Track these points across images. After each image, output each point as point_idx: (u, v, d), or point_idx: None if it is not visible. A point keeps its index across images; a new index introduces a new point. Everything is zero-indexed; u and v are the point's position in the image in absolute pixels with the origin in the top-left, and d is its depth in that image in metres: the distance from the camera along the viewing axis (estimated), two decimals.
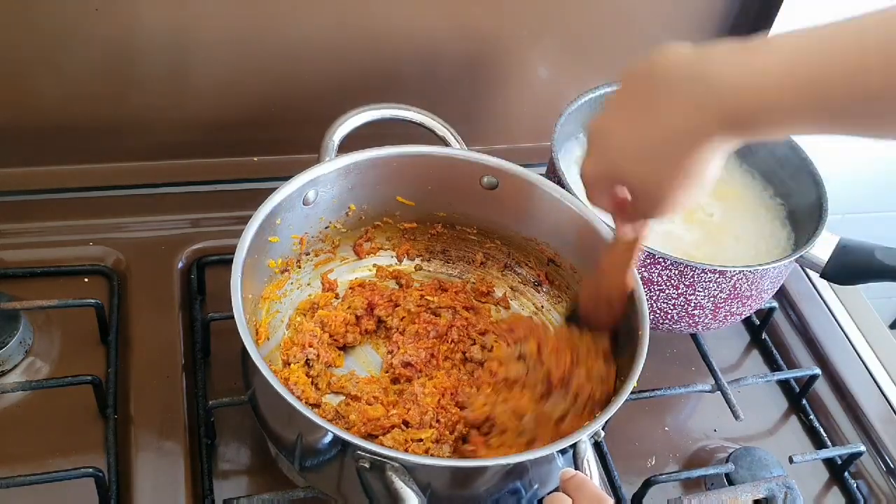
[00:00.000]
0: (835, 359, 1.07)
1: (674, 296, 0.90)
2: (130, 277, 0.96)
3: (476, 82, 1.14)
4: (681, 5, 1.14)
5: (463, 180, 0.90)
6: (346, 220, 0.91)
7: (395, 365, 0.85)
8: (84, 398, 0.83)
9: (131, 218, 1.03)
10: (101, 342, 0.90)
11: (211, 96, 1.05)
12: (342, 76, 1.07)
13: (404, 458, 0.64)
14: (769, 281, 0.93)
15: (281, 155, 1.11)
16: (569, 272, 0.92)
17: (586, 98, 1.02)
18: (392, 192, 0.91)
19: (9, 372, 0.87)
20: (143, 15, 0.94)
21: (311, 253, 0.91)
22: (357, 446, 0.64)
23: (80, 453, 0.81)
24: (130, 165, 1.07)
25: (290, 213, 0.83)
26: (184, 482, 0.80)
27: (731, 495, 0.85)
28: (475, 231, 0.96)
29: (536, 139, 1.20)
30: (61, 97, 0.99)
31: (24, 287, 0.93)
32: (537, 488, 0.75)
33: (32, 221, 1.00)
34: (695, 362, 1.01)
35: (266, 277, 0.85)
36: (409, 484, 0.63)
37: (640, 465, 0.93)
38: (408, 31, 1.05)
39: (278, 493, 0.78)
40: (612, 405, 0.70)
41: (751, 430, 0.99)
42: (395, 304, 0.91)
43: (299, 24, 1.00)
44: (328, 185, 0.86)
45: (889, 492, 0.97)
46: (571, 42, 1.14)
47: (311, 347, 0.84)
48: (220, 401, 0.83)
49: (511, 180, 0.89)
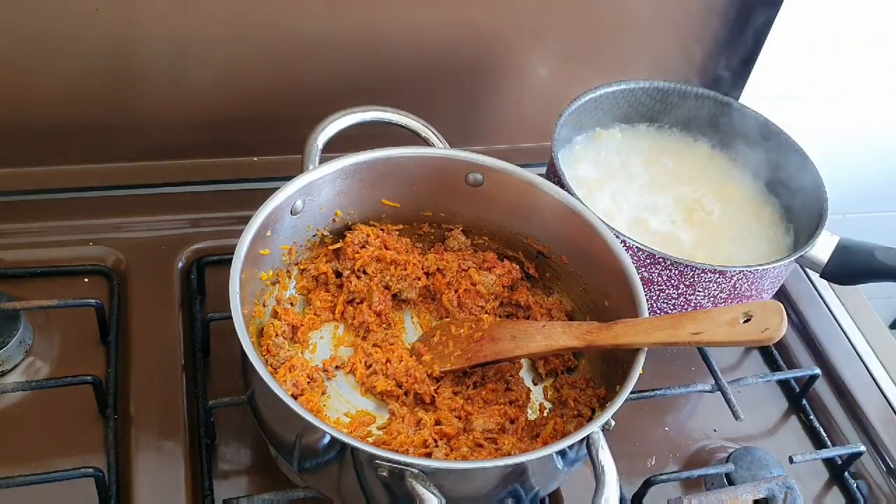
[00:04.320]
0: (835, 359, 1.07)
1: (674, 296, 0.90)
2: (130, 277, 0.96)
3: (476, 82, 1.14)
4: (681, 6, 1.14)
5: (447, 179, 0.90)
6: (333, 227, 0.91)
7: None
8: (84, 398, 0.83)
9: (131, 218, 1.03)
10: (101, 342, 0.90)
11: (211, 96, 1.05)
12: (343, 77, 1.07)
13: (423, 464, 0.65)
14: (769, 281, 0.93)
15: (281, 155, 1.12)
16: (559, 264, 0.92)
17: (586, 98, 1.02)
18: (377, 195, 0.91)
19: (9, 372, 0.87)
20: (142, 15, 0.94)
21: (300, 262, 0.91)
22: (376, 455, 0.65)
23: (80, 453, 0.81)
24: (130, 165, 1.08)
25: (280, 224, 0.83)
26: (184, 482, 0.80)
27: (731, 495, 0.85)
28: (462, 228, 0.96)
29: (536, 139, 1.20)
30: (61, 97, 0.99)
31: (24, 287, 0.93)
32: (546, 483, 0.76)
33: (32, 221, 1.00)
34: (695, 362, 1.01)
35: (259, 288, 0.85)
36: (429, 488, 0.64)
37: (640, 465, 0.93)
38: (408, 32, 1.05)
39: (278, 493, 0.78)
40: (619, 397, 0.71)
41: (751, 430, 0.99)
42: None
43: (300, 25, 1.00)
44: (315, 192, 0.86)
45: (889, 492, 0.97)
46: (571, 42, 1.14)
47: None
48: (219, 401, 0.83)
49: (496, 176, 0.89)
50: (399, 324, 0.92)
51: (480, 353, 0.84)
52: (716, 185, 1.06)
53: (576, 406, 0.83)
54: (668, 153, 1.10)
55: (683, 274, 0.88)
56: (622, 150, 1.09)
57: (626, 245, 0.87)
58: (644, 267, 0.89)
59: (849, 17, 1.20)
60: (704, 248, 0.98)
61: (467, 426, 0.80)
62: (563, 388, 0.87)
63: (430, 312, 0.94)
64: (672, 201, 1.03)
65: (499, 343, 0.85)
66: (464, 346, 0.86)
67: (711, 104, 1.08)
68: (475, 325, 0.88)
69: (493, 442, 0.79)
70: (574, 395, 0.84)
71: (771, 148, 1.05)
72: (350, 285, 0.90)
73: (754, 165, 1.08)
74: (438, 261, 0.94)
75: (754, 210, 1.05)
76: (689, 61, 1.22)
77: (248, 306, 0.80)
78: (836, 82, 1.31)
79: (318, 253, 0.92)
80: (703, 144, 1.11)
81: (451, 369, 0.85)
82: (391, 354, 0.86)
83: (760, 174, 1.08)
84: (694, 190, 1.05)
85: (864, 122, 1.39)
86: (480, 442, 0.79)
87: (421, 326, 0.93)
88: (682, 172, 1.07)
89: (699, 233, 1.00)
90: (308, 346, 0.88)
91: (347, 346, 0.89)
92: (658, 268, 0.88)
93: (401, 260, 0.92)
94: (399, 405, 0.83)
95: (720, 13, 1.16)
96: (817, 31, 1.21)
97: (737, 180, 1.08)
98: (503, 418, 0.82)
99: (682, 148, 1.11)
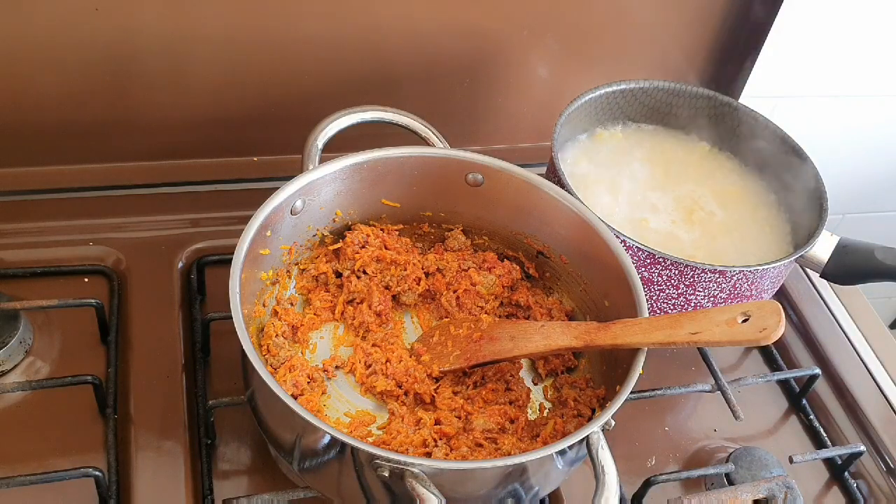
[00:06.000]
0: (835, 359, 1.07)
1: (674, 296, 0.90)
2: (130, 277, 0.96)
3: (476, 82, 1.14)
4: (680, 5, 1.14)
5: (447, 179, 0.91)
6: (333, 227, 0.91)
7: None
8: (84, 398, 0.84)
9: (131, 218, 1.03)
10: (101, 342, 0.90)
11: (211, 96, 1.05)
12: (343, 76, 1.07)
13: (423, 464, 0.65)
14: (769, 281, 0.93)
15: (281, 155, 1.12)
16: (559, 264, 0.92)
17: (586, 98, 1.02)
18: (377, 194, 0.91)
19: (9, 372, 0.87)
20: (142, 15, 0.94)
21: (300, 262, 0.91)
22: (376, 455, 0.65)
23: (80, 453, 0.81)
24: (130, 165, 1.08)
25: (280, 224, 0.83)
26: (184, 482, 0.80)
27: (731, 495, 0.85)
28: (462, 228, 0.96)
29: (536, 139, 1.20)
30: (61, 97, 0.99)
31: (24, 287, 0.93)
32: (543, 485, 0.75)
33: (32, 221, 1.00)
34: (695, 362, 1.01)
35: (259, 288, 0.85)
36: (429, 488, 0.64)
37: (640, 465, 0.93)
38: (408, 32, 1.05)
39: (278, 493, 0.78)
40: (619, 397, 0.71)
41: (751, 430, 0.99)
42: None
43: (300, 25, 1.00)
44: (315, 192, 0.86)
45: (889, 492, 0.97)
46: (571, 42, 1.14)
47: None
48: (219, 401, 0.83)
49: (496, 176, 0.89)
50: (399, 324, 0.92)
51: (479, 353, 0.84)
52: (716, 185, 1.06)
53: (576, 406, 0.83)
54: (668, 153, 1.10)
55: (683, 274, 0.88)
56: (622, 150, 1.09)
57: (626, 245, 0.87)
58: (644, 267, 0.89)
59: (849, 17, 1.20)
60: (704, 248, 0.98)
61: (467, 426, 0.80)
62: (563, 388, 0.87)
63: (429, 312, 0.94)
64: (672, 201, 1.03)
65: (497, 343, 0.85)
66: (462, 346, 0.86)
67: (711, 104, 1.08)
68: (474, 326, 0.88)
69: (493, 442, 0.79)
70: (574, 395, 0.84)
71: (771, 148, 1.05)
72: (350, 285, 0.90)
73: (754, 165, 1.08)
74: (438, 261, 0.94)
75: (754, 210, 1.05)
76: (689, 61, 1.22)
77: (248, 306, 0.80)
78: (835, 82, 1.31)
79: (318, 253, 0.92)
80: (703, 144, 1.11)
81: (449, 369, 0.85)
82: (391, 354, 0.86)
83: (760, 174, 1.08)
84: (694, 190, 1.05)
85: (864, 122, 1.39)
86: (480, 442, 0.79)
87: (421, 326, 0.93)
88: (682, 172, 1.07)
89: (699, 233, 1.00)
90: (308, 346, 0.88)
91: (347, 346, 0.89)
92: (658, 268, 0.88)
93: (401, 260, 0.92)
94: (399, 405, 0.83)
95: (720, 13, 1.16)
96: (817, 31, 1.21)
97: (737, 180, 1.08)
98: (503, 418, 0.82)
99: (682, 148, 1.11)
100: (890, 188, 1.52)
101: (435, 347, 0.88)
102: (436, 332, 0.89)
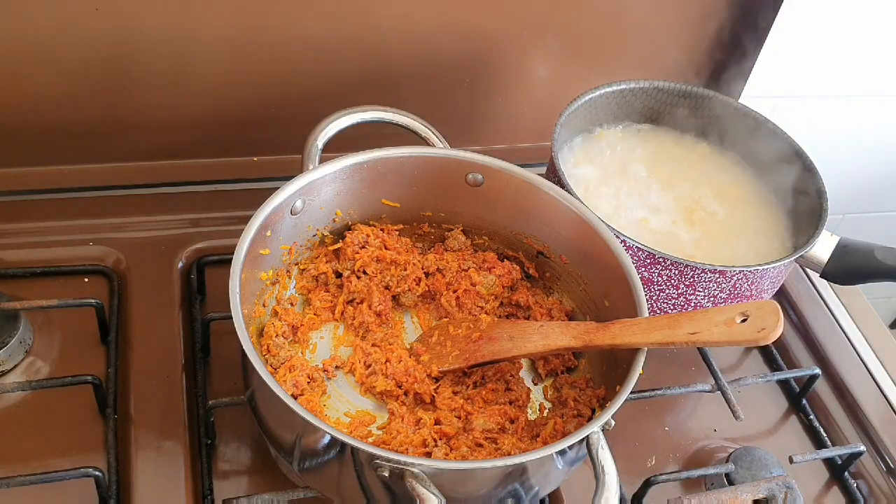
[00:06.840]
0: (835, 359, 1.07)
1: (674, 296, 0.90)
2: (130, 277, 0.96)
3: (476, 82, 1.14)
4: (680, 5, 1.14)
5: (447, 179, 0.91)
6: (333, 227, 0.91)
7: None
8: (84, 398, 0.84)
9: (131, 218, 1.03)
10: (101, 342, 0.90)
11: (211, 96, 1.05)
12: (343, 76, 1.07)
13: (423, 464, 0.65)
14: (769, 281, 0.93)
15: (281, 155, 1.12)
16: (559, 264, 0.92)
17: (586, 98, 1.02)
18: (377, 195, 0.91)
19: (9, 372, 0.87)
20: (142, 15, 0.94)
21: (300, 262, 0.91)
22: (376, 455, 0.65)
23: (80, 453, 0.81)
24: (130, 165, 1.08)
25: (280, 224, 0.83)
26: (184, 482, 0.80)
27: (731, 495, 0.85)
28: (462, 228, 0.96)
29: (536, 139, 1.20)
30: (61, 97, 0.99)
31: (24, 287, 0.93)
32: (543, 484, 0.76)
33: (32, 221, 1.00)
34: (695, 362, 1.01)
35: (259, 288, 0.85)
36: (429, 488, 0.64)
37: (640, 464, 0.93)
38: (408, 32, 1.05)
39: (278, 493, 0.78)
40: (619, 397, 0.71)
41: (751, 430, 0.99)
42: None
43: (300, 25, 1.00)
44: (315, 192, 0.86)
45: (889, 492, 0.97)
46: (571, 42, 1.14)
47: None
48: (219, 401, 0.83)
49: (496, 176, 0.89)
50: (399, 324, 0.92)
51: (478, 353, 0.84)
52: (716, 185, 1.06)
53: (576, 406, 0.83)
54: (669, 153, 1.10)
55: (683, 274, 0.88)
56: (622, 150, 1.09)
57: (626, 245, 0.87)
58: (644, 267, 0.89)
59: (848, 17, 1.20)
60: (704, 248, 0.98)
61: (467, 426, 0.80)
62: (563, 388, 0.87)
63: (429, 312, 0.94)
64: (672, 201, 1.03)
65: (496, 343, 0.85)
66: (462, 346, 0.86)
67: (711, 104, 1.08)
68: (473, 326, 0.88)
69: (492, 442, 0.79)
70: (574, 395, 0.84)
71: (771, 148, 1.05)
72: (350, 285, 0.90)
73: (754, 165, 1.08)
74: (438, 261, 0.94)
75: (754, 210, 1.05)
76: (689, 61, 1.22)
77: (248, 306, 0.80)
78: (835, 82, 1.31)
79: (318, 253, 0.92)
80: (703, 144, 1.11)
81: (449, 369, 0.85)
82: (391, 354, 0.86)
83: (760, 174, 1.08)
84: (694, 190, 1.05)
85: (863, 122, 1.39)
86: (480, 442, 0.79)
87: (420, 326, 0.93)
88: (682, 172, 1.07)
89: (699, 233, 1.00)
90: (308, 346, 0.88)
91: (347, 347, 0.89)
92: (658, 268, 0.88)
93: (401, 260, 0.92)
94: (399, 405, 0.83)
95: (720, 13, 1.16)
96: (817, 31, 1.21)
97: (737, 180, 1.08)
98: (503, 418, 0.82)
99: (682, 148, 1.11)
100: (890, 188, 1.52)
101: (434, 347, 0.88)
102: (435, 332, 0.89)
